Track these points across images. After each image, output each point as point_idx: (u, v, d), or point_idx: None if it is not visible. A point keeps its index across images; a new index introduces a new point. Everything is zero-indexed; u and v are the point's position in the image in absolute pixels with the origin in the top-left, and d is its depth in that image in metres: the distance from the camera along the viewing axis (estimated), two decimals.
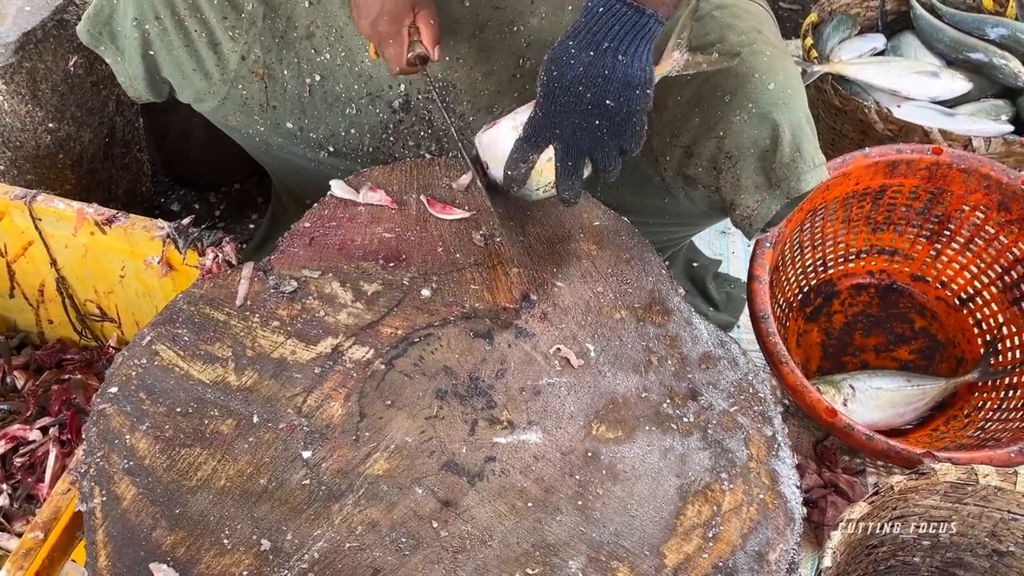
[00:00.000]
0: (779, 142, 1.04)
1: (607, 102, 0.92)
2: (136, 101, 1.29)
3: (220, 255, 1.14)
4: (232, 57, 1.19)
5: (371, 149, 1.24)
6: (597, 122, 0.93)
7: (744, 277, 1.71)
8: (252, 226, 1.82)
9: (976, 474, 1.13)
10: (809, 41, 1.87)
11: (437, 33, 1.06)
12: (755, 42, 1.08)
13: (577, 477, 0.90)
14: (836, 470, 1.46)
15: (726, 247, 1.82)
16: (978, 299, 1.55)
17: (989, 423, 1.42)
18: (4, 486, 1.22)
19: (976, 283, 1.55)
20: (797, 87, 1.08)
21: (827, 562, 1.04)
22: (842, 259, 1.63)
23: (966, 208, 1.50)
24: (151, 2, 1.15)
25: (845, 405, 1.44)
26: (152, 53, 1.19)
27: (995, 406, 1.44)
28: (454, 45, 1.18)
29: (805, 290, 1.62)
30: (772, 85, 1.05)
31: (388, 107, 1.21)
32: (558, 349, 0.99)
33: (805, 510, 0.90)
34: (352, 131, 1.23)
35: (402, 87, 1.20)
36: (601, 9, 0.90)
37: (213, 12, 1.17)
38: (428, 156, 1.25)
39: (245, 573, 0.82)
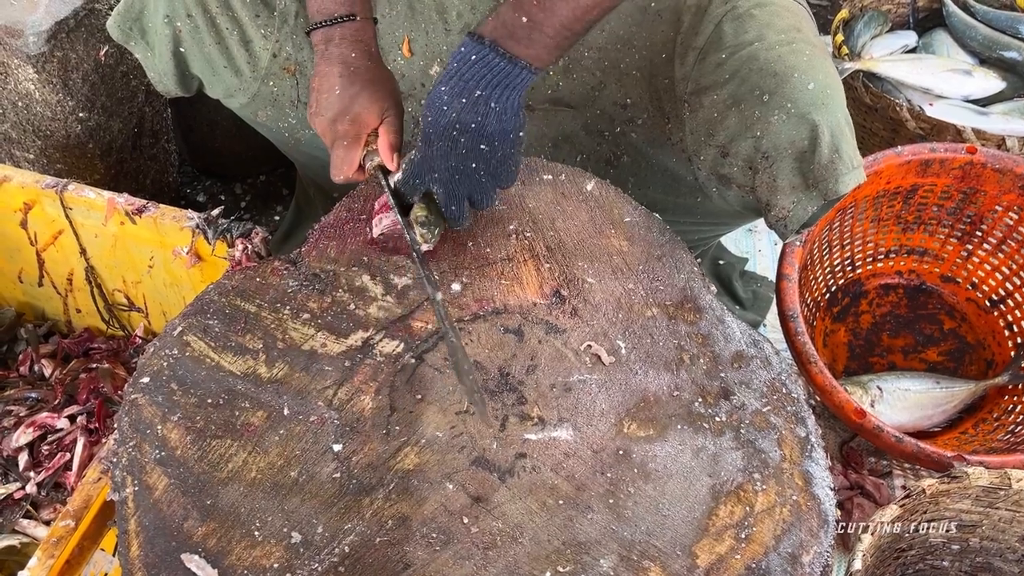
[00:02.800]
0: (818, 143, 1.03)
1: (482, 147, 0.94)
2: (165, 96, 1.29)
3: (249, 246, 1.14)
4: (263, 55, 1.19)
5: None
6: (474, 165, 0.95)
7: (770, 275, 1.70)
8: (277, 218, 1.82)
9: (1009, 478, 1.12)
10: (840, 38, 1.85)
11: (399, 142, 1.03)
12: (795, 41, 1.07)
13: (608, 475, 0.89)
14: (862, 472, 1.44)
15: (752, 245, 1.80)
16: (1009, 301, 1.53)
17: (1019, 426, 1.40)
18: (32, 474, 1.23)
19: (1008, 285, 1.53)
20: (836, 87, 1.06)
21: (857, 565, 1.03)
22: (871, 259, 1.61)
23: (999, 208, 1.48)
24: (183, 0, 1.15)
25: (872, 406, 1.42)
26: (183, 50, 1.19)
27: None
28: None
29: (833, 289, 1.61)
30: (812, 85, 1.03)
31: (420, 105, 1.21)
32: (589, 346, 0.99)
33: (838, 512, 0.89)
34: None
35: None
36: (473, 57, 0.91)
37: (245, 10, 1.16)
38: None
39: (276, 565, 0.82)
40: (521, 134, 0.96)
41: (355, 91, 1.01)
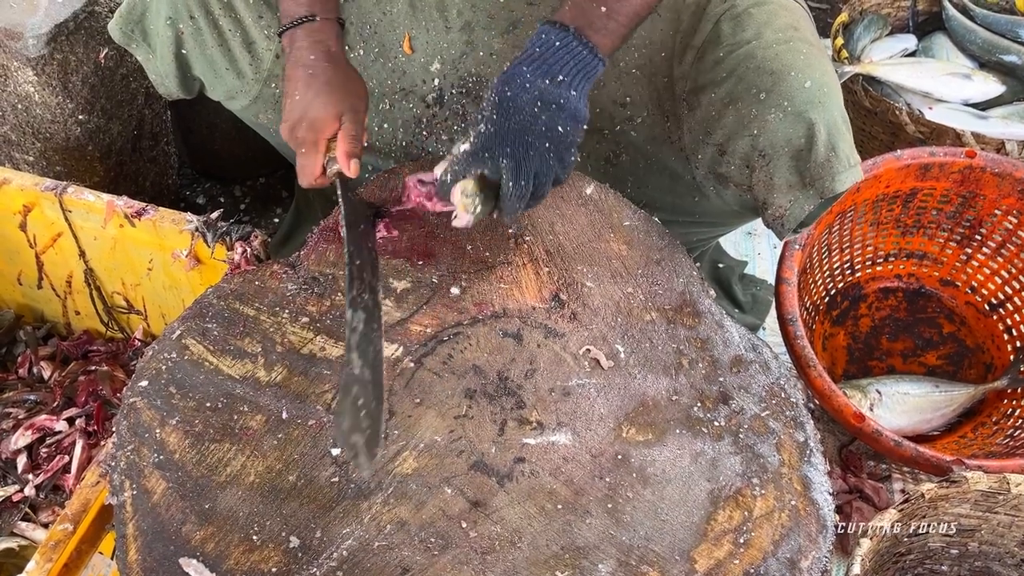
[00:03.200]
0: (814, 141, 1.03)
1: (559, 128, 0.94)
2: (166, 98, 1.29)
3: (248, 250, 1.14)
4: (266, 56, 1.19)
5: (404, 143, 1.24)
6: (548, 144, 0.94)
7: (770, 279, 1.69)
8: (276, 220, 1.82)
9: (1008, 483, 1.12)
10: (840, 41, 1.85)
11: (357, 148, 1.00)
12: (792, 39, 1.07)
13: (607, 480, 0.89)
14: (861, 475, 1.44)
15: (752, 248, 1.80)
16: (1008, 305, 1.53)
17: (1018, 430, 1.40)
18: (31, 476, 1.23)
19: (1007, 288, 1.53)
20: (833, 85, 1.07)
21: (856, 569, 1.03)
22: (870, 262, 1.61)
23: (998, 212, 1.48)
24: (185, 2, 1.15)
25: (871, 410, 1.42)
26: (185, 52, 1.19)
27: None
28: (488, 41, 1.18)
29: (832, 293, 1.61)
30: (808, 83, 1.04)
31: (422, 102, 1.21)
32: (588, 350, 0.99)
33: (837, 517, 0.89)
34: (385, 126, 1.23)
35: (436, 81, 1.20)
36: (557, 43, 0.93)
37: (248, 12, 1.16)
38: None
39: (274, 570, 0.82)
40: (586, 127, 0.97)
41: (311, 96, 1.01)
